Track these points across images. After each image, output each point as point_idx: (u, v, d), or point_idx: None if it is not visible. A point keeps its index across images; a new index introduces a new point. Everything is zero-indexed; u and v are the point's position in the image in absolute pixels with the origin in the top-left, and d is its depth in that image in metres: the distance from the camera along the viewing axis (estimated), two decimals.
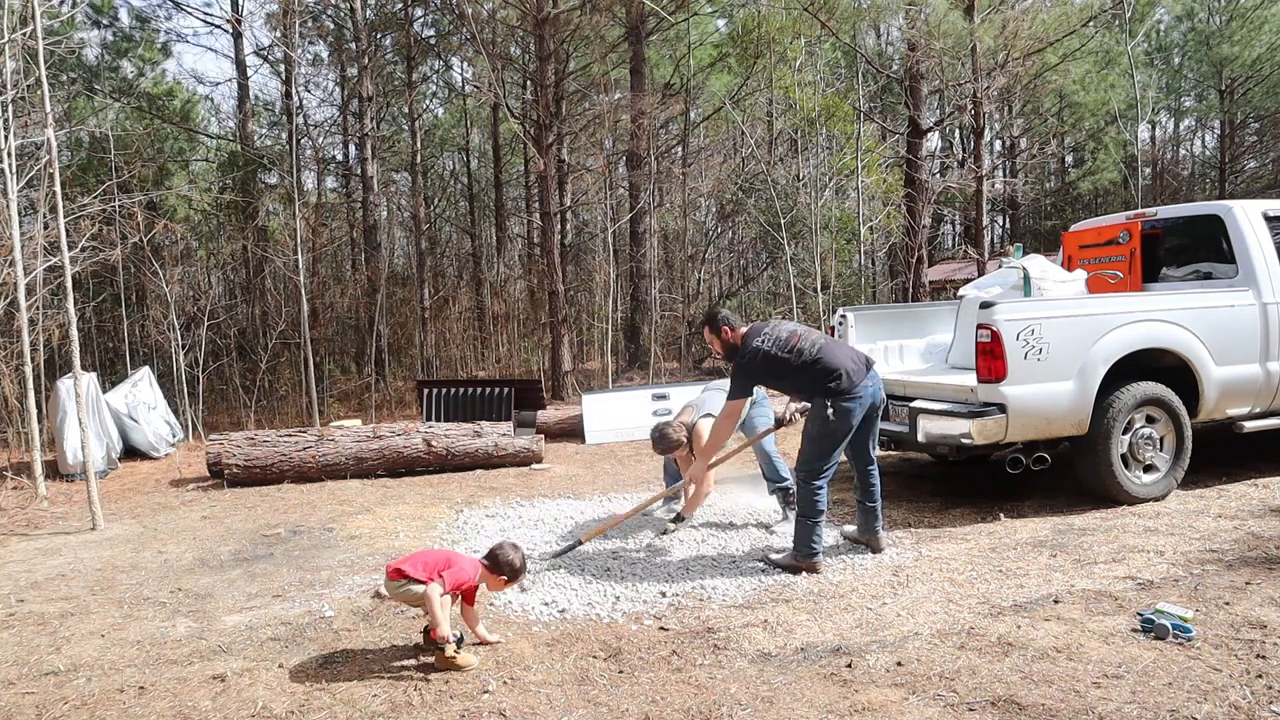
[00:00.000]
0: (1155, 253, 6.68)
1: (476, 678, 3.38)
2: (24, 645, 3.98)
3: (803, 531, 4.51)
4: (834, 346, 4.53)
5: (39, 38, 6.53)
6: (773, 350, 4.45)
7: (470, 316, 17.79)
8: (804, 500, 4.52)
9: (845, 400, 4.39)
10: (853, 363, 4.48)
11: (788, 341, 4.47)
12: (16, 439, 9.53)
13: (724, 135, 19.01)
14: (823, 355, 4.44)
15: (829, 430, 4.44)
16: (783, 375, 4.52)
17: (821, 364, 4.41)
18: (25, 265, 7.17)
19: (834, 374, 4.39)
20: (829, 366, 4.40)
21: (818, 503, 4.49)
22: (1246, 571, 4.08)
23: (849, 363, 4.46)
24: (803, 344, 4.46)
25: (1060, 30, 13.56)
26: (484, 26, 13.11)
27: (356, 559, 5.14)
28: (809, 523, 4.49)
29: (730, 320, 4.65)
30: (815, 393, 4.47)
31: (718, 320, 4.66)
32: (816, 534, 4.49)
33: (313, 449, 7.82)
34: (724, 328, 4.64)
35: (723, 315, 4.67)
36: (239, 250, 17.01)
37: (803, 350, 4.44)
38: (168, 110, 17.70)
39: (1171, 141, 27.14)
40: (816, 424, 4.49)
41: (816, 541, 4.50)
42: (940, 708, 2.96)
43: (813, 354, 4.43)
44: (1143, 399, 5.37)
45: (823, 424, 4.45)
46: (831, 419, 4.41)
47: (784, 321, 4.71)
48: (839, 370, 4.40)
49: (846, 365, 4.44)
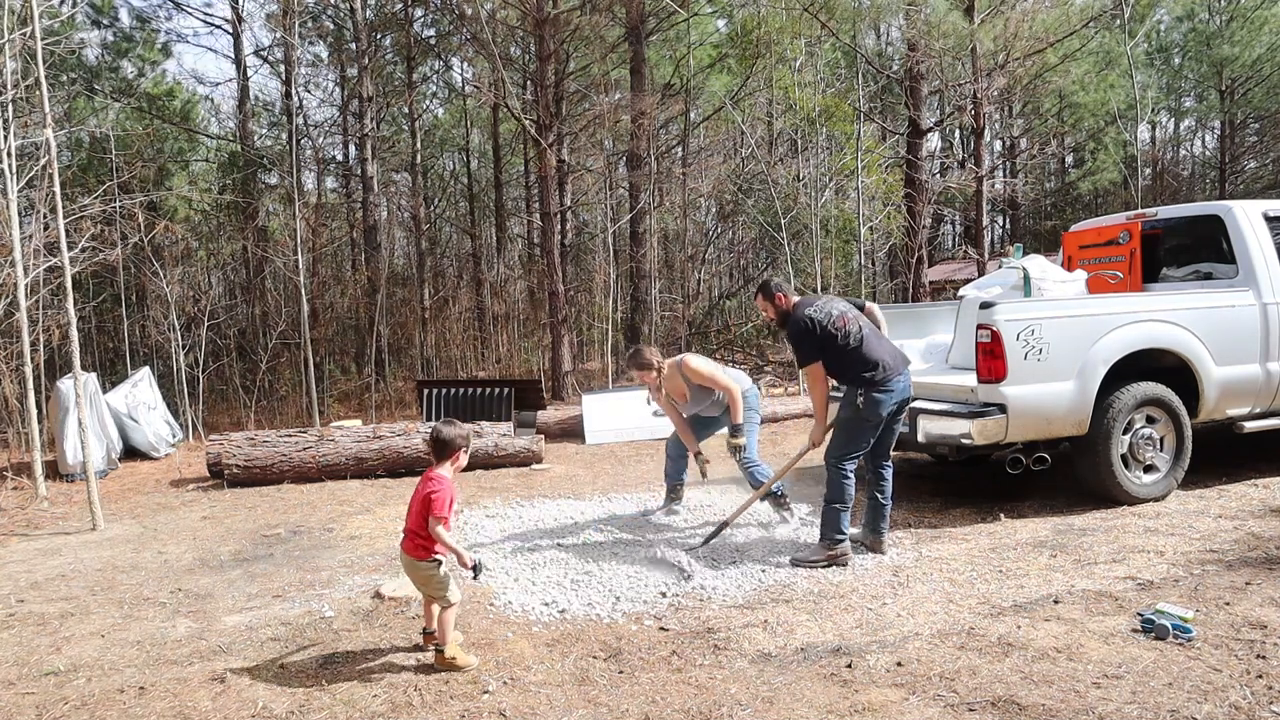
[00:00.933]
0: (1155, 253, 6.68)
1: (476, 678, 3.38)
2: (24, 645, 3.98)
3: (830, 517, 4.60)
4: (875, 338, 4.65)
5: (38, 38, 6.53)
6: (825, 323, 4.56)
7: (470, 316, 17.79)
8: (833, 486, 4.61)
9: (877, 391, 4.50)
10: (890, 357, 4.59)
11: (838, 320, 4.58)
12: (16, 439, 9.53)
13: (724, 135, 19.01)
14: (864, 343, 4.55)
15: (859, 418, 4.55)
16: (827, 350, 4.59)
17: (861, 352, 4.53)
18: (25, 265, 7.17)
19: (871, 364, 4.51)
20: (868, 356, 4.52)
21: (846, 488, 4.59)
22: (1246, 571, 4.08)
23: (887, 356, 4.58)
24: (850, 327, 4.58)
25: (1060, 31, 13.57)
26: (484, 27, 13.10)
27: (356, 559, 5.14)
28: (836, 508, 4.59)
29: (784, 288, 4.83)
30: (851, 379, 4.57)
31: (771, 287, 4.84)
32: (845, 520, 4.59)
33: (313, 449, 7.81)
34: (778, 295, 4.80)
35: (776, 283, 4.86)
36: (239, 250, 17.01)
37: (850, 333, 4.56)
38: (168, 110, 17.70)
39: (1171, 142, 27.14)
40: (848, 410, 4.61)
41: (845, 528, 4.59)
42: (940, 708, 2.96)
43: (856, 339, 4.55)
44: (1143, 399, 5.37)
45: (854, 411, 4.56)
46: (861, 408, 4.52)
47: (835, 299, 4.80)
48: (877, 361, 4.52)
49: (884, 358, 4.55)
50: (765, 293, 4.84)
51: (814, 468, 7.54)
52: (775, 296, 4.80)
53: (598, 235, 17.56)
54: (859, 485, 4.75)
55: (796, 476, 6.24)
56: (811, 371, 4.64)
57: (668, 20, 15.18)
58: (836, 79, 17.22)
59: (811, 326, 4.55)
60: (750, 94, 17.12)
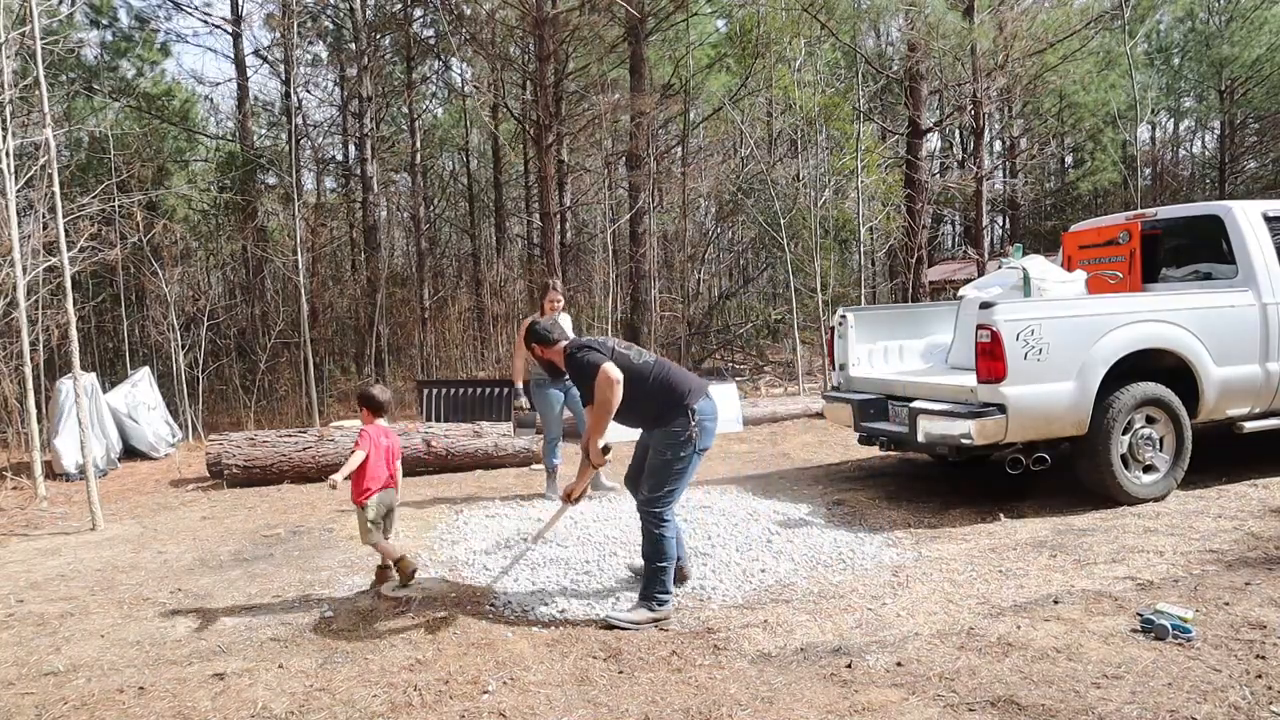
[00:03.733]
0: (1155, 253, 6.68)
1: (476, 678, 3.38)
2: (24, 645, 3.98)
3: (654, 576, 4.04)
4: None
5: (37, 37, 6.52)
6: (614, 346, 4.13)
7: (470, 316, 17.78)
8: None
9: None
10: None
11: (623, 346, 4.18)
12: (16, 439, 9.53)
13: (723, 135, 19.01)
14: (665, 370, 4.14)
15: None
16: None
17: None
18: (24, 265, 7.16)
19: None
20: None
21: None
22: (1246, 572, 4.08)
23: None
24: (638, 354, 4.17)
25: (1060, 31, 13.56)
26: (483, 26, 13.11)
27: (356, 559, 5.14)
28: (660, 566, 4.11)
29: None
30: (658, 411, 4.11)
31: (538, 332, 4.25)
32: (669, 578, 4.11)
33: (312, 449, 7.81)
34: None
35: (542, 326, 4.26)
36: (239, 250, 17.00)
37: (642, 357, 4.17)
38: (167, 110, 17.69)
39: (1171, 142, 27.12)
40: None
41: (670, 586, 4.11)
42: (940, 708, 2.96)
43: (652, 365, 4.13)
44: (1142, 399, 5.37)
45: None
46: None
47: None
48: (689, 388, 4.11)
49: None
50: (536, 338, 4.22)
51: (813, 468, 7.54)
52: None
53: (597, 235, 17.55)
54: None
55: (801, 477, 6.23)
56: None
57: (667, 20, 15.18)
58: (836, 79, 17.22)
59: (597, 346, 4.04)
60: (750, 94, 17.12)
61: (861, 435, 6.37)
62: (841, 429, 7.51)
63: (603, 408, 3.90)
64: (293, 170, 14.33)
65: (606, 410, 3.91)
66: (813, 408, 10.08)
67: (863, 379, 6.47)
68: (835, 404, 6.51)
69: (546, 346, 4.20)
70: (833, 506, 5.84)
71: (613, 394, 3.85)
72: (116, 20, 17.52)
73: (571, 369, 4.08)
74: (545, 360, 4.27)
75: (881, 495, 6.14)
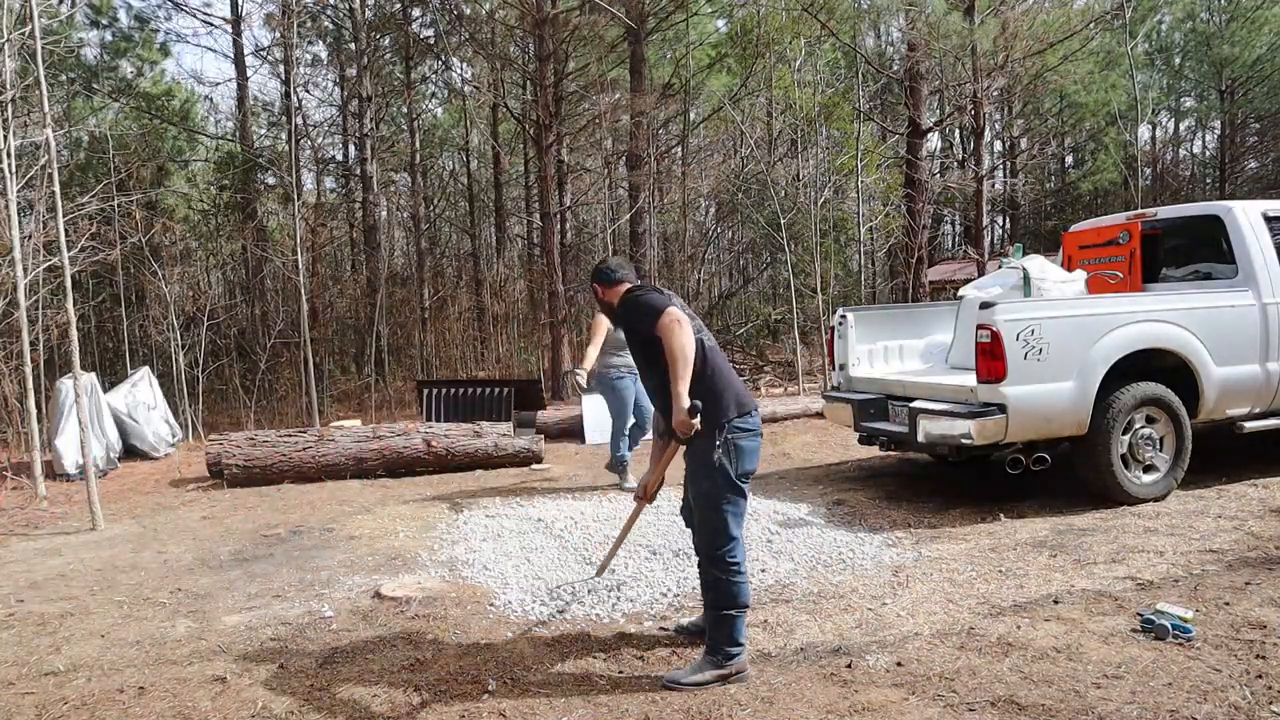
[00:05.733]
0: (1155, 253, 6.68)
1: (476, 677, 3.38)
2: (24, 645, 3.98)
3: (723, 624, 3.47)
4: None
5: (37, 37, 6.52)
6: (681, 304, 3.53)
7: (470, 317, 17.78)
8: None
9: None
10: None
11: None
12: (16, 439, 9.52)
13: (723, 135, 19.00)
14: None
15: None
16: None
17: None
18: (25, 265, 7.16)
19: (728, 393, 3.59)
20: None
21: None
22: (1246, 572, 4.08)
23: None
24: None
25: (1061, 31, 13.55)
26: (482, 26, 13.10)
27: (356, 559, 5.14)
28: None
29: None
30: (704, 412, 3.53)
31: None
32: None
33: (313, 449, 7.81)
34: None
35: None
36: (238, 250, 17.00)
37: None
38: (167, 110, 17.69)
39: (1172, 142, 27.13)
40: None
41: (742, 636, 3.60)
42: (940, 708, 2.96)
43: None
44: (1142, 399, 5.37)
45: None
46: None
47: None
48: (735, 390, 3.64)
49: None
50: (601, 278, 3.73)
51: (813, 468, 7.55)
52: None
53: (597, 235, 17.55)
54: None
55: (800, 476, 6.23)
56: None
57: (667, 20, 15.17)
58: (836, 79, 17.22)
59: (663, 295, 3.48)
60: (750, 94, 17.11)
61: (861, 435, 6.38)
62: (841, 429, 7.51)
63: (680, 354, 3.23)
64: (292, 170, 14.31)
65: (684, 358, 3.23)
66: (813, 408, 10.08)
67: (863, 379, 6.48)
68: (835, 404, 6.51)
69: (607, 286, 3.67)
70: (833, 506, 5.84)
71: (685, 336, 3.24)
72: (116, 20, 17.55)
73: (627, 311, 3.53)
74: (605, 301, 3.72)
75: (881, 495, 6.14)
